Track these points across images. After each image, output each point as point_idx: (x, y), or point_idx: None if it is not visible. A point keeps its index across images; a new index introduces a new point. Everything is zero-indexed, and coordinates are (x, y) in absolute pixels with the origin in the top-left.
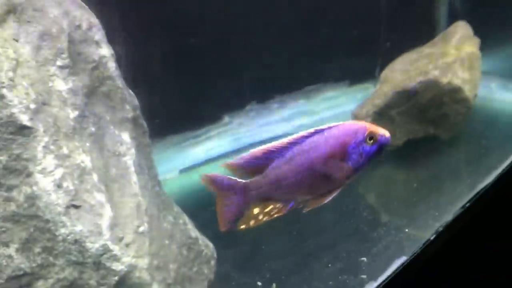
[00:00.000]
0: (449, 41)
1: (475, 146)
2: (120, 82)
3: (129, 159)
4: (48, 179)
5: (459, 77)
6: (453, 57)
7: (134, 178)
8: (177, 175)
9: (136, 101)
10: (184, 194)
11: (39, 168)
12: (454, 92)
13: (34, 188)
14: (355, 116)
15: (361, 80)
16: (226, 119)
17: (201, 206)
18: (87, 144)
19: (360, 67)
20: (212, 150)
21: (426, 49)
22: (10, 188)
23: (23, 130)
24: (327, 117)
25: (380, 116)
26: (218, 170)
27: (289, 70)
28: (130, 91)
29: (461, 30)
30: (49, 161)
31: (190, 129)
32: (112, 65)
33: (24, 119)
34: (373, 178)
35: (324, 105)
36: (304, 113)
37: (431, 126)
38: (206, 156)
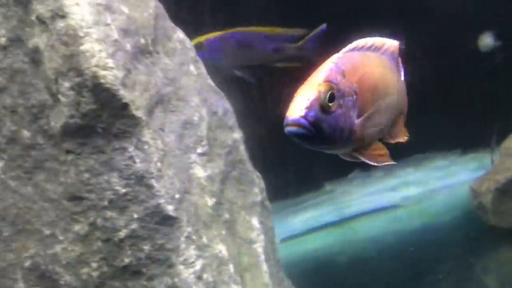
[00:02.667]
0: None
1: None
2: (249, 165)
3: (259, 247)
4: (189, 271)
5: None
6: None
7: (264, 267)
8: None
9: (262, 183)
10: (286, 265)
11: (181, 259)
12: None
13: (176, 279)
14: (474, 191)
15: (474, 148)
16: (328, 187)
17: (304, 276)
18: (223, 232)
19: (473, 135)
20: (313, 219)
21: None
22: (151, 278)
23: (167, 220)
24: (436, 187)
25: (503, 193)
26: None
27: None
28: (258, 173)
29: None
30: (191, 252)
31: (290, 197)
32: (242, 148)
33: (170, 210)
34: (492, 260)
35: (434, 175)
36: (411, 183)
37: None
38: (307, 226)
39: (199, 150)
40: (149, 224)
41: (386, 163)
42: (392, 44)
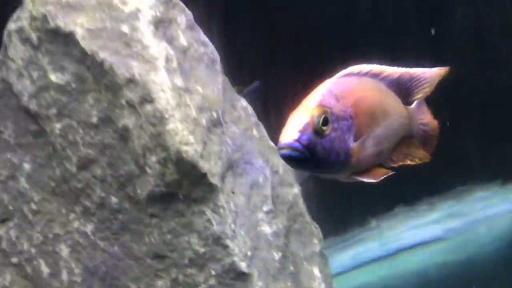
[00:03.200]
0: None
1: None
2: (308, 217)
3: None
4: None
5: None
6: None
7: None
8: None
9: (320, 234)
10: None
11: None
12: None
13: None
14: None
15: None
16: (373, 222)
17: None
18: (289, 284)
19: None
20: (359, 255)
21: None
22: None
23: (241, 276)
24: (478, 218)
25: None
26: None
27: (438, 170)
28: (315, 223)
29: None
30: None
31: (336, 233)
32: (301, 201)
33: (243, 266)
34: None
35: (476, 207)
36: (454, 215)
37: None
38: (354, 262)
39: (265, 209)
40: (225, 280)
41: (385, 176)
42: (395, 71)
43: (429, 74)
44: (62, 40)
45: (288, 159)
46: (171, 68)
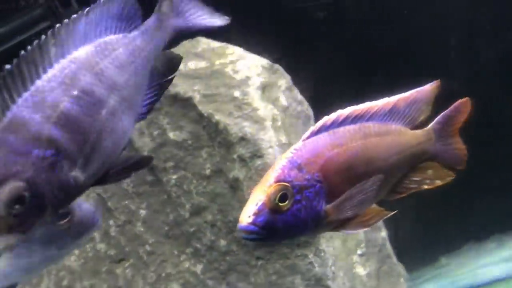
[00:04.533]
0: None
1: None
2: (395, 259)
3: None
4: None
5: None
6: None
7: None
8: None
9: (406, 274)
10: None
11: None
12: None
13: None
14: None
15: None
16: (443, 260)
17: None
18: None
19: None
20: None
21: None
22: None
23: None
24: None
25: None
26: None
27: (507, 207)
28: (401, 264)
29: None
30: None
31: (407, 273)
32: (388, 244)
33: None
34: None
35: None
36: None
37: None
38: None
39: (359, 252)
40: None
41: (377, 220)
42: (387, 103)
43: (422, 93)
44: (181, 104)
45: (247, 240)
46: (277, 126)
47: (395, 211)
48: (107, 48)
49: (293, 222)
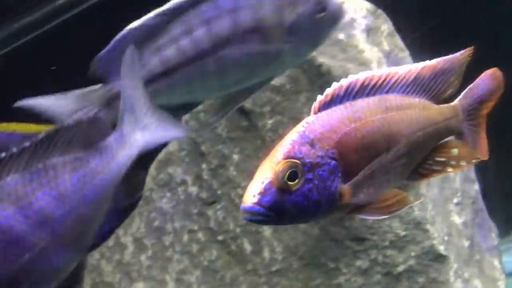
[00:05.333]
0: None
1: None
2: (486, 214)
3: (502, 284)
4: None
5: None
6: None
7: None
8: None
9: (497, 230)
10: None
11: None
12: None
13: None
14: None
15: None
16: None
17: None
18: (475, 270)
19: None
20: None
21: None
22: None
23: (439, 258)
24: None
25: None
26: None
27: None
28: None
29: None
30: (458, 285)
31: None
32: (481, 198)
33: (441, 249)
34: None
35: None
36: None
37: None
38: None
39: (455, 201)
40: (424, 261)
41: (399, 208)
42: (409, 71)
43: (451, 63)
44: None
45: (253, 222)
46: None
47: (420, 199)
48: (46, 175)
49: (304, 203)
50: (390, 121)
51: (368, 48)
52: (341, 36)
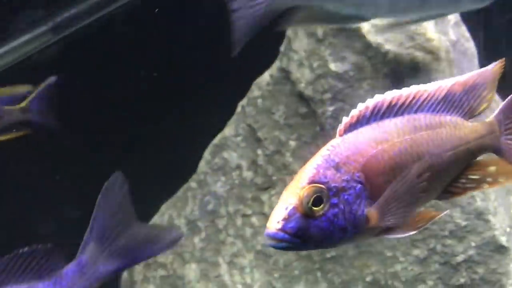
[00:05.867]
0: None
1: None
2: None
3: None
4: None
5: None
6: None
7: None
8: None
9: None
10: None
11: (511, 281)
12: None
13: None
14: None
15: None
16: None
17: None
18: None
19: None
20: None
21: None
22: None
23: (500, 249)
24: None
25: None
26: None
27: None
28: None
29: None
30: None
31: None
32: None
33: (503, 240)
34: None
35: None
36: None
37: None
38: None
39: None
40: (484, 252)
41: (426, 223)
42: (440, 88)
43: (484, 77)
44: (347, 34)
45: (277, 248)
46: (449, 58)
47: (446, 211)
48: None
49: (329, 228)
50: (419, 141)
51: (436, 37)
52: None
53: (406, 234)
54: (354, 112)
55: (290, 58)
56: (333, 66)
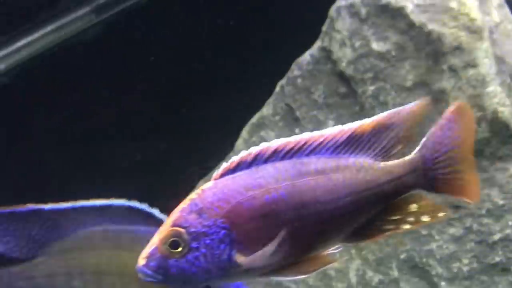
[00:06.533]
0: None
1: None
2: None
3: None
4: None
5: None
6: None
7: None
8: None
9: None
10: None
11: None
12: None
13: None
14: None
15: None
16: None
17: None
18: None
19: None
20: None
21: None
22: None
23: None
24: None
25: None
26: None
27: None
28: None
29: None
30: None
31: None
32: None
33: None
34: None
35: None
36: None
37: None
38: None
39: None
40: None
41: (318, 268)
42: (342, 131)
43: (397, 117)
44: (390, 14)
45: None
46: (492, 39)
47: (336, 261)
48: None
49: (190, 269)
50: (302, 187)
51: (480, 17)
52: (453, 4)
53: (297, 277)
54: (235, 158)
55: (332, 38)
56: (375, 46)
